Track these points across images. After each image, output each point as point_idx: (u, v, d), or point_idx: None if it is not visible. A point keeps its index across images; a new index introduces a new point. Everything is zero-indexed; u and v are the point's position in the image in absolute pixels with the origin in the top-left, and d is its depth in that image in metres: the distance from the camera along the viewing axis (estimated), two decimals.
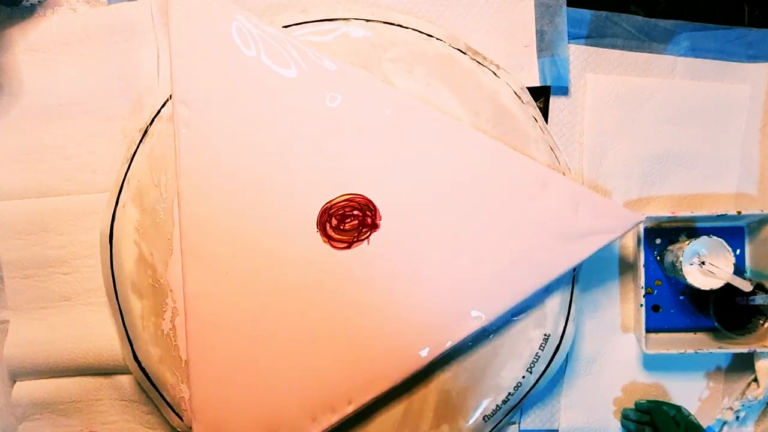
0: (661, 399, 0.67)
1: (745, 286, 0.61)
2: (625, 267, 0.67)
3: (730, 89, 0.67)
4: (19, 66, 0.66)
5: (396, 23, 0.63)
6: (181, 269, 0.60)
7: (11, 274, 0.65)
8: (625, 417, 0.66)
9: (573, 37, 0.66)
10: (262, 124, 0.60)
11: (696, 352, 0.64)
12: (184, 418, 0.62)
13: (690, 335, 0.68)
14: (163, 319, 0.62)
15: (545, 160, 0.63)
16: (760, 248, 0.66)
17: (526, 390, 0.63)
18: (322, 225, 0.60)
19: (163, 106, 0.62)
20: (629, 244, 0.67)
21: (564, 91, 0.67)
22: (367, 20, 0.63)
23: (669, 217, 0.65)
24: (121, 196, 0.63)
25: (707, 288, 0.62)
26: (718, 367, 0.68)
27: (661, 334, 0.68)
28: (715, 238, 0.62)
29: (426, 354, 0.59)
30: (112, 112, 0.65)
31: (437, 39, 0.63)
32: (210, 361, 0.59)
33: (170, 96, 0.62)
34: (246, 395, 0.59)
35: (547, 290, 0.62)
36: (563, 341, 0.63)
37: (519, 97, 0.63)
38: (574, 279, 0.63)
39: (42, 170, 0.66)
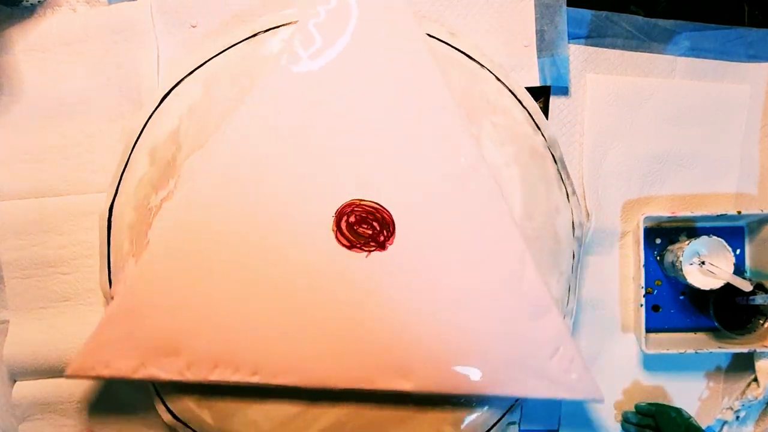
0: (660, 397, 0.67)
1: (745, 286, 0.61)
2: (625, 267, 0.67)
3: (730, 89, 0.67)
4: (19, 66, 0.66)
5: (519, 98, 0.63)
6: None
7: (11, 274, 0.65)
8: (625, 420, 0.66)
9: (573, 37, 0.66)
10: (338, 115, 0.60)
11: (696, 352, 0.64)
12: (111, 287, 0.62)
13: (690, 335, 0.68)
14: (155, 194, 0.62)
15: (557, 293, 0.63)
16: (760, 248, 0.66)
17: None
18: (339, 215, 0.60)
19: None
20: (629, 243, 0.67)
21: (564, 91, 0.67)
22: (498, 78, 0.63)
23: (669, 217, 0.65)
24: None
25: (707, 288, 0.62)
26: (718, 367, 0.68)
27: (661, 334, 0.68)
28: (715, 238, 0.62)
29: (340, 381, 0.59)
30: (112, 112, 0.65)
31: (543, 135, 0.63)
32: (161, 264, 0.59)
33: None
34: (172, 308, 0.59)
35: (481, 402, 0.62)
36: None
37: (574, 228, 0.63)
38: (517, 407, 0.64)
39: (42, 170, 0.66)
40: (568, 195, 0.63)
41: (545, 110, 0.66)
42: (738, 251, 0.67)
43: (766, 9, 0.68)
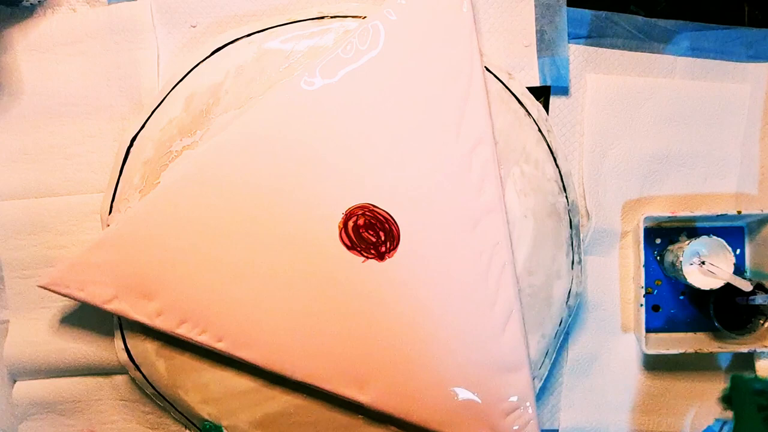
0: (659, 396, 0.67)
1: (745, 286, 0.61)
2: (625, 267, 0.67)
3: (730, 89, 0.67)
4: (19, 66, 0.66)
5: (555, 155, 0.63)
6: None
7: (11, 274, 0.66)
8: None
9: (573, 37, 0.66)
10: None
11: (696, 352, 0.64)
12: (110, 215, 0.62)
13: (690, 335, 0.68)
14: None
15: (534, 355, 0.62)
16: (760, 248, 0.66)
17: None
18: (350, 214, 0.59)
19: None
20: (629, 243, 0.67)
21: (564, 91, 0.67)
22: (540, 131, 0.63)
23: (669, 217, 0.65)
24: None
25: (707, 288, 0.62)
26: (718, 367, 0.68)
27: (661, 334, 0.68)
28: (715, 237, 0.62)
29: (298, 372, 0.60)
30: (112, 112, 0.65)
31: (567, 198, 0.63)
32: (164, 207, 0.59)
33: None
34: (161, 254, 0.59)
35: None
36: None
37: (569, 297, 0.64)
38: None
39: (42, 170, 0.66)
40: (573, 263, 0.64)
41: (545, 110, 0.66)
42: (738, 251, 0.67)
43: (766, 9, 0.68)
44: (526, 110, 0.63)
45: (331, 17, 0.63)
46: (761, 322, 0.64)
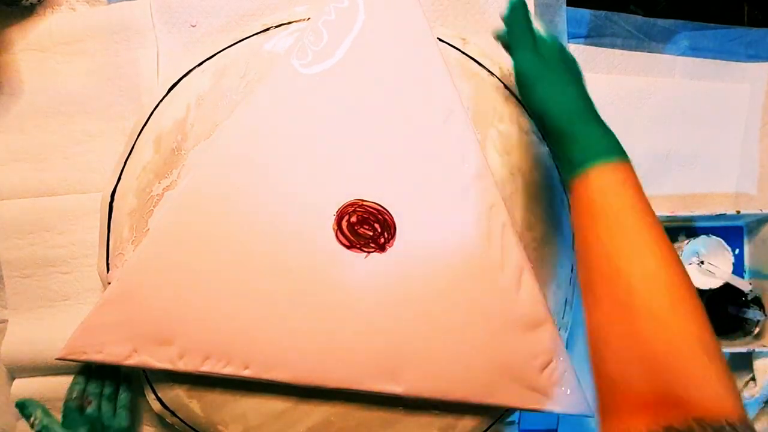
0: None
1: (744, 286, 0.61)
2: None
3: (730, 89, 0.67)
4: (18, 66, 0.66)
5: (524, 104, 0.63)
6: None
7: (11, 274, 0.66)
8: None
9: (572, 37, 0.66)
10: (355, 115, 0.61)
11: None
12: (109, 272, 0.62)
13: None
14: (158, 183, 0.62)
15: (553, 306, 0.62)
16: (760, 248, 0.66)
17: None
18: (341, 214, 0.59)
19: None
20: None
21: None
22: (506, 86, 0.62)
23: (668, 216, 0.65)
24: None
25: (707, 287, 0.62)
26: None
27: None
28: (714, 237, 0.62)
29: (330, 380, 0.60)
30: (112, 112, 0.65)
31: (545, 145, 0.63)
32: (159, 252, 0.59)
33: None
34: (168, 297, 0.59)
35: (472, 409, 0.61)
36: None
37: (573, 241, 0.63)
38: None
39: (42, 170, 0.66)
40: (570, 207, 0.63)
41: None
42: (737, 251, 0.67)
43: (766, 9, 0.68)
44: (488, 71, 0.63)
45: (276, 27, 0.62)
46: (752, 329, 0.64)
